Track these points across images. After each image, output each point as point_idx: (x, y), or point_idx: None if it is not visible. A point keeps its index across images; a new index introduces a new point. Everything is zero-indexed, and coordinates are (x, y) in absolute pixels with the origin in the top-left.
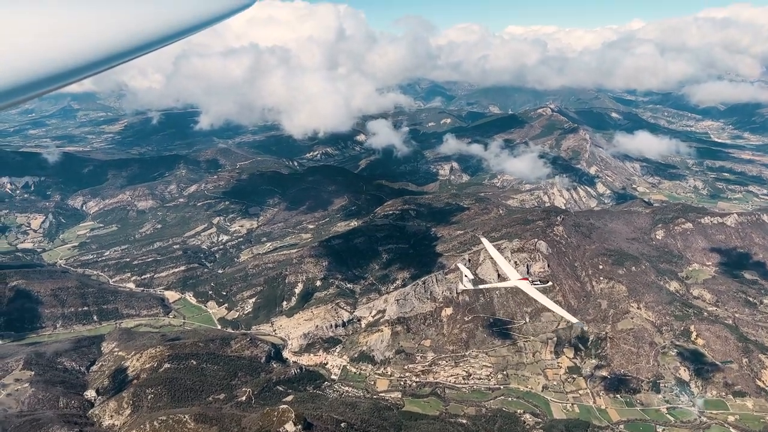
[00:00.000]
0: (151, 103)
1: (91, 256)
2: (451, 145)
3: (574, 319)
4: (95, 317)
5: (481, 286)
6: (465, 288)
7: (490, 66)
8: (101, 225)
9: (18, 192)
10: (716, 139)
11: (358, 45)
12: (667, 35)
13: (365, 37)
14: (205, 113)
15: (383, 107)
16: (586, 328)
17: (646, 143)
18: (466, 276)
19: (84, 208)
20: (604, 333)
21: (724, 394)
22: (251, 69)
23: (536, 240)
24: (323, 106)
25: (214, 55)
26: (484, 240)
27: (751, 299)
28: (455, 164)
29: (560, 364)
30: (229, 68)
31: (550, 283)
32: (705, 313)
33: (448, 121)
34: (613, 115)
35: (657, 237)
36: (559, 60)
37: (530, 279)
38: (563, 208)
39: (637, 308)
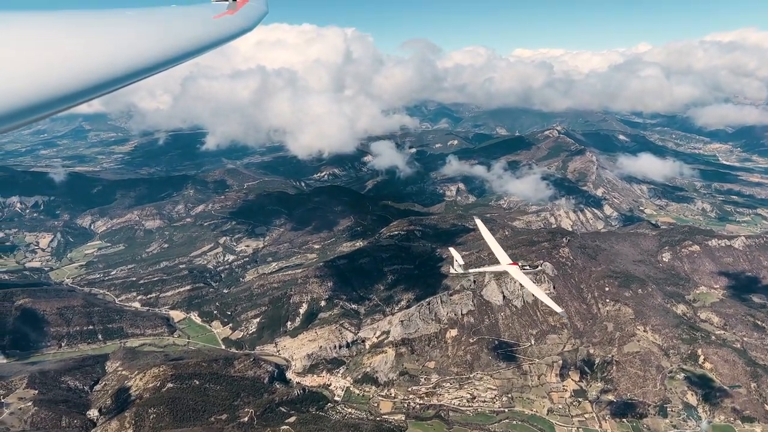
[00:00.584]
0: (159, 124)
1: (98, 275)
2: (454, 166)
3: (558, 308)
4: (100, 336)
5: (471, 271)
6: (456, 272)
7: (496, 88)
8: (109, 244)
9: (27, 211)
10: (724, 162)
11: (364, 67)
12: (674, 58)
13: (372, 59)
14: (212, 134)
15: (389, 128)
16: (565, 317)
17: (649, 165)
18: (456, 261)
19: (92, 227)
20: (610, 356)
21: (732, 419)
22: (258, 91)
23: (542, 261)
24: (328, 128)
25: (222, 77)
26: (478, 221)
27: (759, 323)
28: (461, 185)
29: (566, 387)
30: (236, 90)
31: (540, 268)
32: (713, 337)
33: (455, 142)
34: (621, 137)
35: (664, 259)
36: (565, 82)
37: (520, 264)
38: (570, 229)
39: (644, 331)
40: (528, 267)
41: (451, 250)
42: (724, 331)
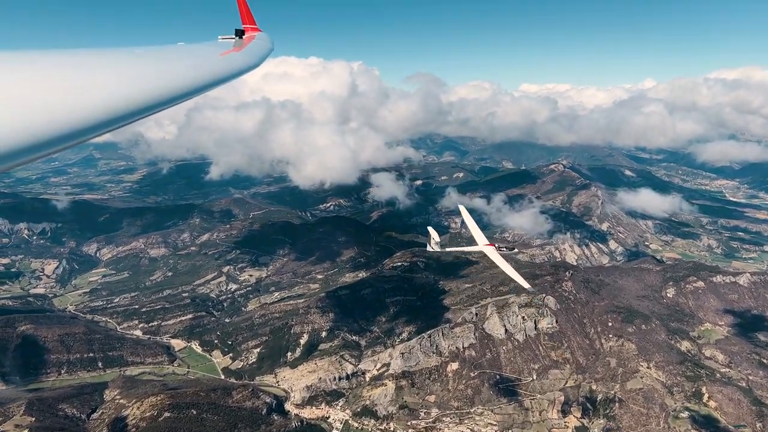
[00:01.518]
0: (164, 154)
1: (101, 303)
2: (453, 199)
3: (526, 284)
4: (100, 364)
5: (448, 249)
6: (433, 249)
7: (499, 122)
8: (113, 272)
9: (35, 238)
10: (731, 198)
11: (369, 100)
12: (678, 95)
13: (378, 92)
14: (216, 164)
15: (392, 160)
16: (536, 292)
17: (649, 201)
18: (433, 239)
19: (98, 254)
20: (613, 393)
21: None
22: (262, 122)
23: (544, 295)
24: (330, 158)
25: (227, 108)
26: (461, 208)
27: (765, 361)
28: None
29: (567, 424)
30: (241, 121)
31: (516, 250)
32: (718, 375)
33: (461, 175)
34: (626, 172)
35: (668, 295)
36: (569, 117)
37: (497, 245)
38: (575, 264)
39: (647, 367)
40: (504, 249)
41: (429, 229)
42: (729, 369)
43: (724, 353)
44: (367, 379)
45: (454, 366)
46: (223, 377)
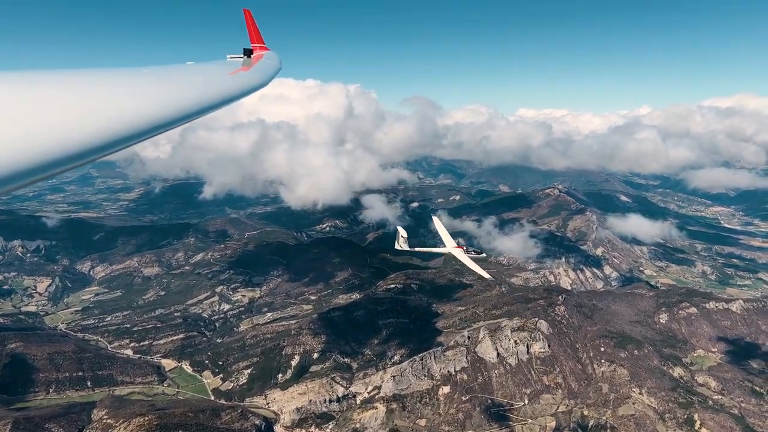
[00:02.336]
0: (159, 173)
1: (93, 321)
2: (443, 221)
3: (486, 275)
4: (89, 383)
5: (417, 249)
6: (401, 248)
7: (492, 146)
8: (106, 290)
9: (28, 255)
10: (726, 225)
11: (365, 123)
12: (672, 121)
13: (374, 115)
14: (209, 184)
15: (386, 182)
16: (493, 281)
17: (639, 226)
18: (401, 236)
19: (91, 272)
20: (604, 419)
21: None
22: (256, 143)
23: (537, 319)
24: (323, 180)
25: (221, 128)
26: (435, 218)
27: (757, 389)
28: (461, 240)
29: None
30: (235, 141)
31: (484, 255)
32: (710, 402)
33: (458, 197)
34: (622, 198)
35: (661, 320)
36: (564, 142)
37: (465, 248)
38: (569, 288)
39: (639, 393)
40: (473, 252)
41: (399, 228)
42: (722, 396)
43: (717, 380)
44: (358, 401)
45: (446, 390)
46: (212, 398)
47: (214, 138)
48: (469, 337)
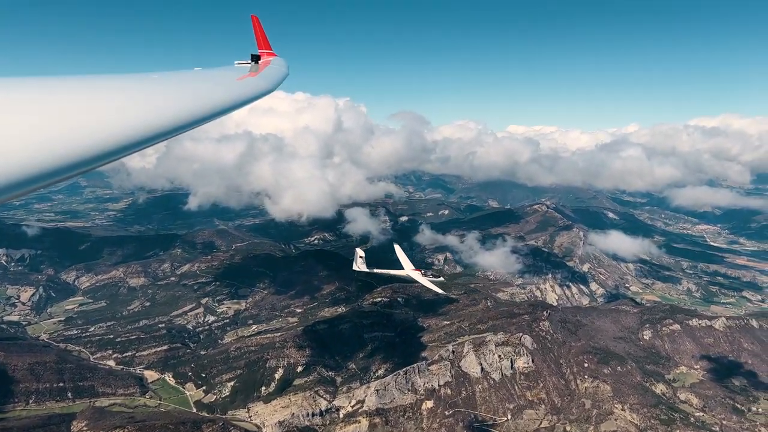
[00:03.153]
0: (144, 183)
1: (76, 331)
2: (427, 236)
3: (441, 291)
4: (70, 394)
5: (375, 270)
6: (358, 269)
7: (479, 162)
8: (91, 300)
9: (13, 264)
10: (712, 243)
11: (354, 136)
12: (659, 140)
13: (363, 129)
14: (194, 195)
15: (373, 195)
16: (444, 293)
17: (619, 243)
18: (359, 257)
19: (76, 282)
20: None
21: None
22: (242, 155)
23: (521, 334)
24: (308, 192)
25: (207, 139)
26: (396, 246)
27: (739, 406)
28: (449, 255)
29: None
30: (221, 153)
31: (441, 279)
32: (692, 419)
33: (447, 212)
34: (610, 215)
35: (644, 337)
36: (551, 159)
37: (423, 271)
38: (555, 304)
39: (622, 409)
40: (431, 275)
41: (357, 249)
42: (704, 413)
43: (699, 397)
44: (341, 415)
45: (429, 404)
46: (195, 411)
47: (199, 149)
48: (453, 352)
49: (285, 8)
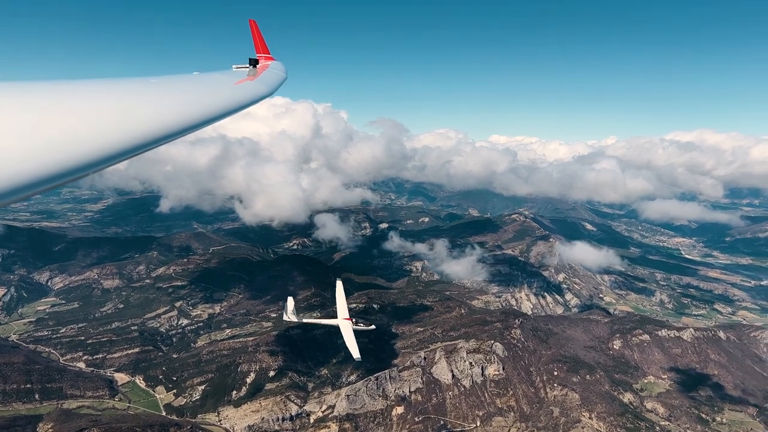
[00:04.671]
0: (116, 184)
1: (46, 333)
2: (395, 243)
3: (357, 354)
4: (37, 396)
5: (305, 321)
6: (288, 320)
7: (455, 171)
8: (63, 301)
9: None
10: (687, 256)
11: (332, 142)
12: (635, 153)
13: (342, 134)
14: (165, 197)
15: (349, 201)
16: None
17: (585, 254)
18: (289, 308)
19: (49, 283)
20: None
21: None
22: (216, 158)
23: (493, 342)
24: (280, 197)
25: (181, 142)
26: (338, 282)
27: (704, 416)
28: (427, 263)
29: None
30: (195, 156)
31: (372, 327)
32: (657, 428)
33: (427, 220)
34: (587, 226)
35: (614, 347)
36: (528, 169)
37: (353, 320)
38: (530, 313)
39: (589, 418)
40: (361, 324)
41: (289, 299)
42: (669, 422)
43: (665, 406)
44: (312, 420)
45: (400, 410)
46: (164, 414)
47: (172, 151)
48: (425, 358)
49: (274, 12)
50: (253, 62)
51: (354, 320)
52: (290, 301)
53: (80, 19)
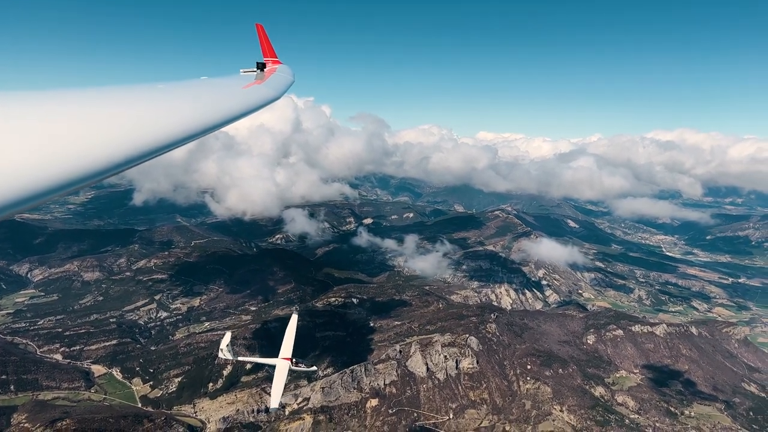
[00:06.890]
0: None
1: (24, 324)
2: (364, 238)
3: (275, 403)
4: (12, 387)
5: (240, 359)
6: (224, 356)
7: (433, 167)
8: (42, 294)
9: None
10: (668, 253)
11: (313, 137)
12: (616, 151)
13: (324, 129)
14: (138, 190)
15: (327, 196)
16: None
17: (549, 250)
18: (225, 344)
19: (29, 275)
20: None
21: None
22: (190, 151)
23: (468, 335)
24: (253, 191)
25: None
26: (292, 320)
27: (672, 409)
28: (408, 258)
29: None
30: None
31: (314, 368)
32: (626, 421)
33: (411, 215)
34: (570, 223)
35: (588, 341)
36: (510, 166)
37: (294, 360)
38: (508, 308)
39: (560, 411)
40: (303, 365)
41: (227, 334)
42: (638, 415)
43: (635, 400)
44: (287, 412)
45: (374, 402)
46: (140, 405)
47: None
48: (400, 351)
49: (261, 8)
50: (261, 66)
51: (294, 360)
52: (227, 336)
53: (87, 26)
